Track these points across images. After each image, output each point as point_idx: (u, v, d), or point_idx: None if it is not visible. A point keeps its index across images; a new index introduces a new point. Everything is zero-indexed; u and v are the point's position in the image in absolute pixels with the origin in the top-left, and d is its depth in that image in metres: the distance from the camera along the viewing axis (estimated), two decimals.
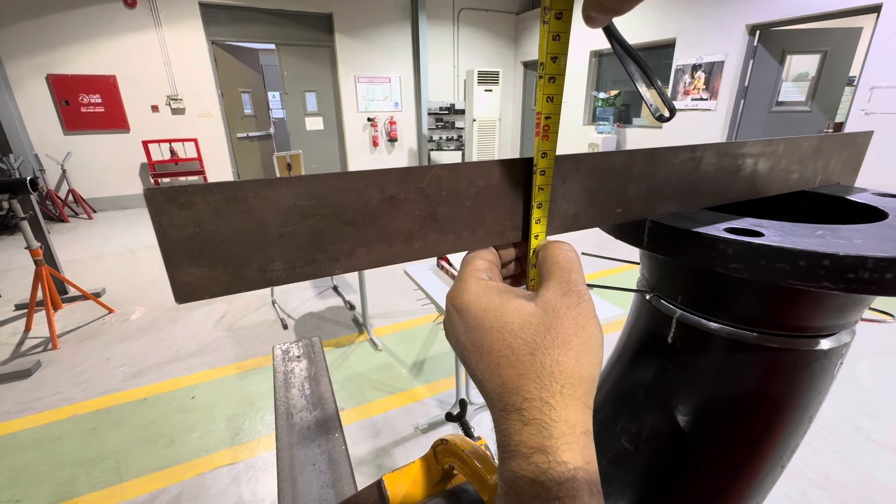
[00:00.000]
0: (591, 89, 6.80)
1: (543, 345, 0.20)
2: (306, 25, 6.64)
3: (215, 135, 6.40)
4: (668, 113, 0.31)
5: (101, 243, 4.62)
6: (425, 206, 0.22)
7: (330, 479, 0.57)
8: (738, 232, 0.27)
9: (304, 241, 0.19)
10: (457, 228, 0.23)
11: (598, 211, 0.28)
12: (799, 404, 0.34)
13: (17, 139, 5.29)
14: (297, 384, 0.76)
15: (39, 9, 5.14)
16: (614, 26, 0.31)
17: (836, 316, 0.31)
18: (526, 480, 0.18)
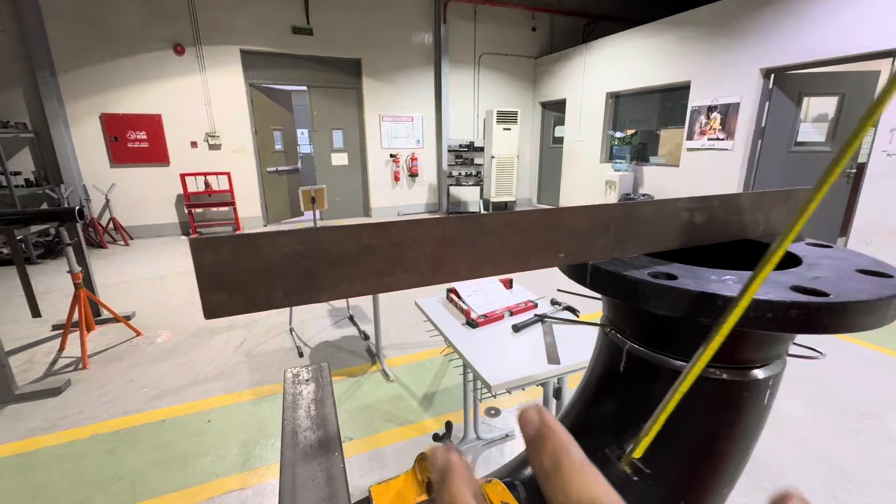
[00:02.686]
0: (608, 128, 6.93)
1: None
2: (336, 69, 7.11)
3: (247, 169, 6.78)
4: None
5: (135, 269, 4.87)
6: (393, 252, 0.28)
7: (327, 493, 0.61)
8: (658, 276, 0.33)
9: (300, 276, 0.26)
10: (420, 268, 0.29)
11: (544, 255, 0.34)
12: (739, 431, 0.38)
13: (68, 171, 5.75)
14: (304, 405, 0.81)
15: (99, 56, 5.71)
16: None
17: (764, 349, 0.36)
18: None
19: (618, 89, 6.66)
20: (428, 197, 8.24)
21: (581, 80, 7.28)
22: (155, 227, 6.44)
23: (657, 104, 6.28)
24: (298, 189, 8.07)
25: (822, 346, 0.62)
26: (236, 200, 6.65)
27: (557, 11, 8.03)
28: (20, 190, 5.28)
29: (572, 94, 7.54)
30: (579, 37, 8.20)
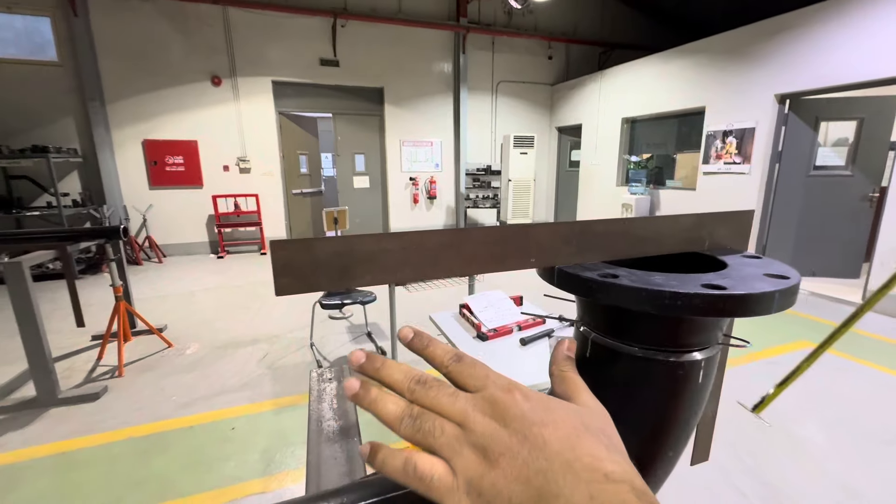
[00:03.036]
0: (624, 153, 7.02)
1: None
2: (360, 97, 7.48)
3: (274, 191, 7.11)
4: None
5: (167, 285, 5.14)
6: (403, 254, 0.40)
7: (347, 470, 0.71)
8: (605, 276, 0.43)
9: (337, 269, 0.37)
10: (422, 266, 0.41)
11: (519, 260, 0.44)
12: (679, 404, 0.47)
13: (111, 192, 6.16)
14: (328, 399, 0.92)
15: (143, 87, 6.19)
16: None
17: (696, 335, 0.45)
18: None
19: (633, 115, 6.77)
20: (446, 219, 8.41)
21: (597, 106, 7.44)
22: (187, 245, 6.78)
23: (673, 129, 6.35)
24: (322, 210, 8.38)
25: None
26: (263, 221, 6.95)
27: (573, 41, 8.29)
28: (67, 210, 5.69)
29: (588, 119, 7.68)
30: (595, 64, 8.41)
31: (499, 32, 7.78)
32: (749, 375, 2.82)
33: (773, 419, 2.25)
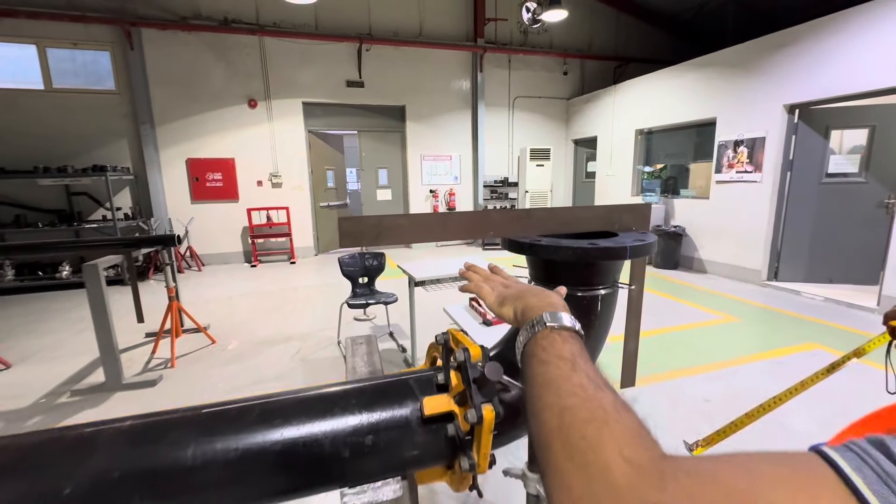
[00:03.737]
0: (638, 163, 7.17)
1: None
2: (383, 115, 7.94)
3: (303, 204, 7.59)
4: None
5: (206, 290, 5.59)
6: (414, 226, 0.69)
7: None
8: (534, 240, 0.70)
9: (374, 234, 0.66)
10: (424, 234, 0.69)
11: (482, 231, 0.72)
12: (601, 316, 0.73)
13: (158, 206, 6.75)
14: (360, 355, 1.20)
15: (188, 111, 6.80)
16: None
17: (599, 278, 0.72)
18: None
19: (646, 126, 6.95)
20: None
21: (611, 119, 7.64)
22: (223, 255, 7.30)
23: (686, 139, 6.49)
24: None
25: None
26: (292, 232, 7.42)
27: (588, 57, 8.56)
28: (120, 223, 6.27)
29: (603, 131, 7.89)
30: (610, 78, 8.63)
31: (515, 51, 8.13)
32: (757, 374, 2.95)
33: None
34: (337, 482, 0.67)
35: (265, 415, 0.63)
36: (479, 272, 0.66)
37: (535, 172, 8.10)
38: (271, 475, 0.61)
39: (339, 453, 0.63)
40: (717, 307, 4.46)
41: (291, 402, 0.66)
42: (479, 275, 0.66)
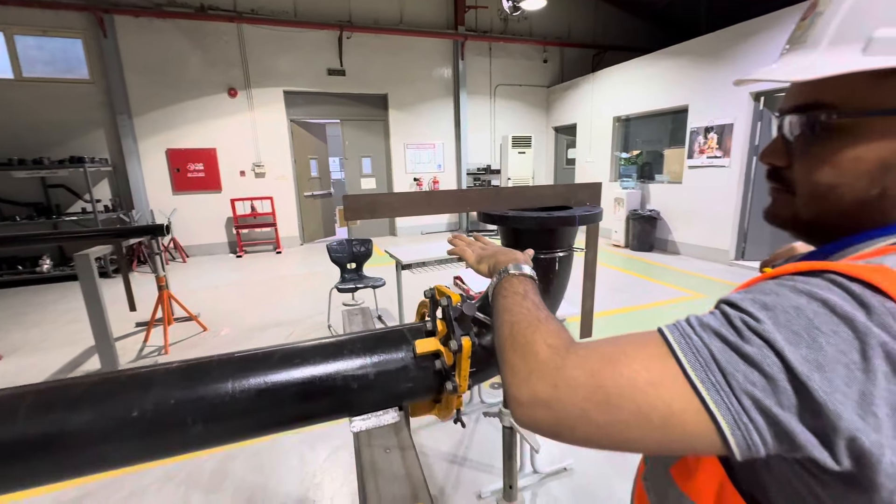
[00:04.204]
0: (616, 150, 7.40)
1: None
2: (366, 104, 7.95)
3: (287, 194, 7.60)
4: None
5: (193, 280, 5.62)
6: (401, 202, 0.84)
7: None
8: (504, 213, 0.86)
9: (370, 209, 0.81)
10: (416, 209, 0.84)
11: (461, 206, 0.88)
12: (559, 274, 0.90)
13: (138, 198, 6.68)
14: (357, 322, 1.35)
15: (167, 100, 6.70)
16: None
17: (560, 242, 0.87)
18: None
19: (623, 114, 7.16)
20: (449, 216, 8.83)
21: (590, 106, 7.83)
22: (207, 246, 7.28)
23: (661, 126, 6.73)
24: (332, 210, 8.81)
25: None
26: (277, 221, 7.44)
27: (567, 44, 8.69)
28: (100, 215, 6.20)
29: (582, 118, 8.08)
30: (588, 65, 8.79)
31: (495, 39, 8.20)
32: None
33: None
34: (347, 411, 0.82)
35: (286, 357, 0.77)
36: (464, 239, 0.81)
37: (516, 160, 8.26)
38: (294, 404, 0.76)
39: (349, 386, 0.77)
40: (686, 286, 4.73)
41: (308, 347, 0.80)
42: (464, 241, 0.81)
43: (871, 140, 0.36)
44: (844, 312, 0.29)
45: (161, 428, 0.67)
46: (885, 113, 0.35)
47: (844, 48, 0.35)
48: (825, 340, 0.29)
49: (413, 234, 8.55)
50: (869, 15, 0.34)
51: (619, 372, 0.35)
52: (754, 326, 0.31)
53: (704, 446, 0.32)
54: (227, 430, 0.72)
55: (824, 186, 0.40)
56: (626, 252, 6.58)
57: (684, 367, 0.33)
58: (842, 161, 0.38)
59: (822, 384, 0.28)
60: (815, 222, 0.42)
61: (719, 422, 0.31)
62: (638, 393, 0.34)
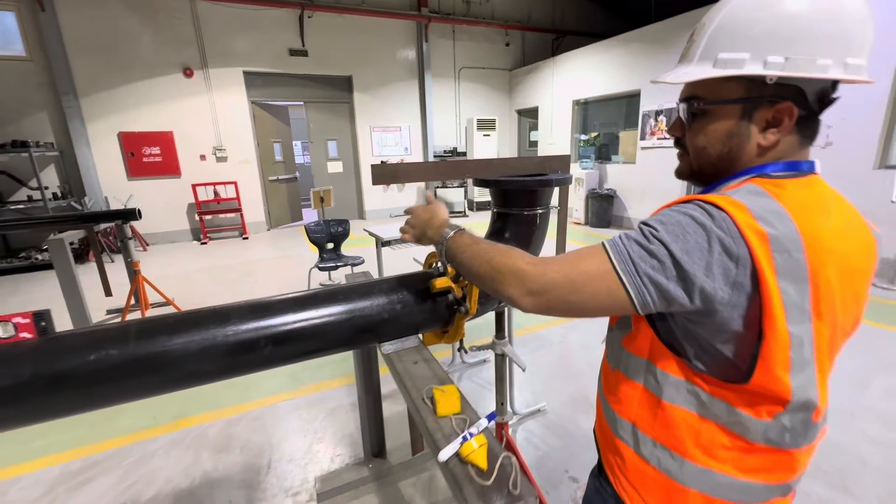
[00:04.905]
0: (575, 132, 7.78)
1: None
2: (330, 86, 7.85)
3: (251, 178, 7.44)
4: None
5: (160, 268, 5.49)
6: (417, 170, 1.04)
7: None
8: (496, 179, 1.08)
9: (391, 176, 1.00)
10: (422, 175, 1.04)
11: (461, 174, 1.09)
12: (540, 227, 1.13)
13: (90, 184, 6.35)
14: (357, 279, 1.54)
15: (116, 81, 6.34)
16: None
17: (540, 201, 1.11)
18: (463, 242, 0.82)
19: (582, 97, 7.52)
20: (417, 199, 8.97)
21: (551, 90, 8.13)
22: (169, 233, 7.05)
23: (617, 109, 7.14)
24: (298, 195, 8.72)
25: None
26: (242, 207, 7.30)
27: (528, 28, 8.91)
28: (49, 203, 5.86)
29: (544, 102, 8.38)
30: (549, 50, 9.08)
31: (458, 21, 8.28)
32: None
33: None
34: (378, 338, 1.03)
35: (337, 294, 0.96)
36: (404, 229, 0.94)
37: (482, 142, 8.48)
38: (344, 331, 0.95)
39: (381, 316, 0.98)
40: None
41: (349, 288, 0.99)
42: (404, 228, 0.95)
43: (721, 118, 0.59)
44: (700, 220, 0.52)
45: (240, 349, 0.86)
46: (727, 102, 0.58)
47: (705, 63, 0.58)
48: (690, 237, 0.51)
49: (382, 217, 8.63)
50: (717, 45, 0.57)
51: (580, 270, 0.57)
52: (655, 234, 0.54)
53: (626, 307, 0.55)
54: (291, 352, 0.91)
55: (700, 148, 0.63)
56: (586, 228, 7.03)
57: (613, 263, 0.55)
58: (707, 131, 0.61)
59: (688, 262, 0.51)
60: (700, 172, 0.66)
61: (630, 291, 0.54)
62: (592, 280, 0.56)
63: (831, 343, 0.56)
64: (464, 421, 0.78)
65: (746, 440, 0.57)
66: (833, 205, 0.56)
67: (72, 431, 2.24)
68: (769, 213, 0.51)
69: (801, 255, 0.50)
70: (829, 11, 0.51)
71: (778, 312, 0.50)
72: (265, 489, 1.81)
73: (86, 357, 0.74)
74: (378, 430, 1.82)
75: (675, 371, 0.60)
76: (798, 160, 0.58)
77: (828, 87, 0.56)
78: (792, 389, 0.53)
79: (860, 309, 0.59)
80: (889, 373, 2.52)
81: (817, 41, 0.51)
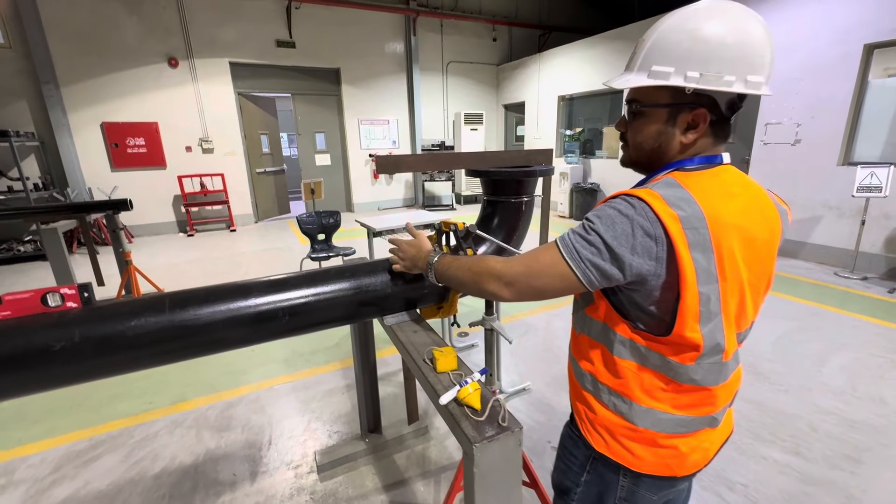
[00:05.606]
0: (560, 127, 7.95)
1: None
2: (318, 78, 7.84)
3: (238, 170, 7.41)
4: None
5: (147, 260, 5.47)
6: (417, 161, 1.15)
7: None
8: (488, 170, 1.20)
9: (394, 166, 1.12)
10: (423, 165, 1.16)
11: (456, 165, 1.21)
12: (525, 213, 1.26)
13: (73, 175, 6.25)
14: None
15: (99, 70, 6.24)
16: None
17: (527, 189, 1.23)
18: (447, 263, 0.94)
19: (567, 93, 7.68)
20: (405, 192, 9.05)
21: (537, 85, 8.27)
22: (154, 225, 6.99)
23: (601, 105, 7.32)
24: (286, 187, 8.70)
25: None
26: (229, 199, 7.27)
27: (515, 24, 9.01)
28: (31, 193, 5.77)
29: (530, 97, 8.52)
30: (535, 46, 9.20)
31: (446, 15, 8.33)
32: None
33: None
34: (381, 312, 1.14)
35: (345, 272, 1.08)
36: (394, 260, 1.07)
37: (469, 136, 8.58)
38: (350, 303, 1.07)
39: (384, 291, 1.10)
40: None
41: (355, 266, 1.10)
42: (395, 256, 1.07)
43: (652, 119, 0.72)
44: (625, 212, 0.65)
45: (263, 319, 0.97)
46: (657, 106, 0.71)
47: (642, 73, 0.71)
48: (617, 226, 0.64)
49: (370, 209, 8.69)
50: (651, 59, 0.69)
51: (539, 262, 0.72)
52: (592, 227, 0.67)
53: (576, 285, 0.68)
54: (306, 322, 1.02)
55: (637, 143, 0.76)
56: (570, 222, 7.22)
57: (562, 253, 0.69)
58: (642, 129, 0.74)
59: (617, 246, 0.64)
60: (638, 163, 0.79)
61: (577, 273, 0.67)
62: (548, 268, 0.70)
63: (741, 298, 0.70)
64: (460, 375, 0.91)
65: (677, 382, 0.71)
66: (739, 188, 0.70)
67: (72, 416, 2.30)
68: (680, 199, 0.64)
69: (705, 231, 0.63)
70: (735, 39, 0.64)
71: (690, 276, 0.63)
72: (267, 463, 1.91)
73: (127, 323, 0.84)
74: (374, 406, 1.94)
75: (623, 331, 0.74)
76: (712, 155, 0.72)
77: (735, 98, 0.69)
78: (703, 337, 0.67)
79: (767, 270, 0.74)
80: (843, 352, 2.74)
81: (725, 62, 0.64)
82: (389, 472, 1.85)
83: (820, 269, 4.39)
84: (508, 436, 0.74)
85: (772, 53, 0.67)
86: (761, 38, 0.65)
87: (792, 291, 3.79)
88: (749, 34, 0.64)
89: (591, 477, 0.83)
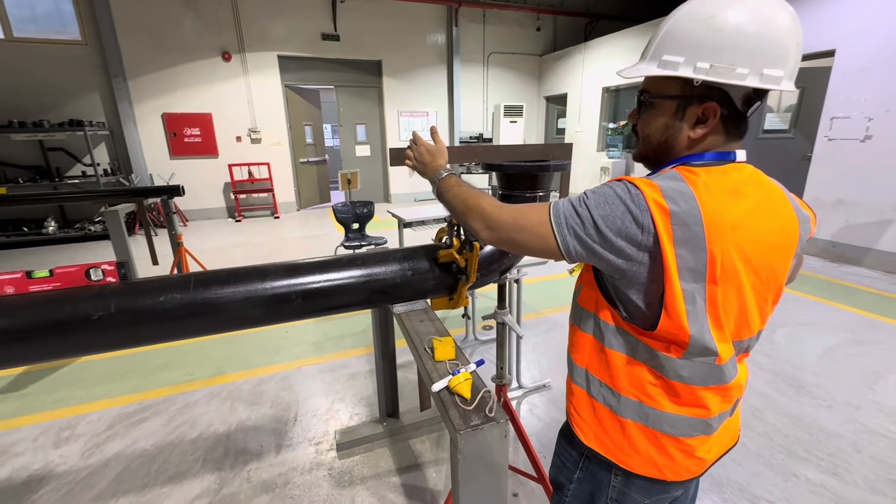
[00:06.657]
0: (604, 120, 7.66)
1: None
2: (360, 70, 8.00)
3: (283, 160, 7.74)
4: None
5: (198, 243, 5.87)
6: (463, 152, 1.17)
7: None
8: (501, 163, 1.20)
9: (454, 157, 1.14)
10: (457, 158, 1.18)
11: (470, 158, 1.22)
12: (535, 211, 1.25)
13: (137, 162, 6.79)
14: None
15: (161, 64, 6.70)
16: None
17: (542, 185, 1.23)
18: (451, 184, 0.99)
19: (613, 84, 7.37)
20: None
21: (581, 76, 8.00)
22: (206, 210, 7.47)
23: None
24: (327, 177, 8.99)
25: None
26: (274, 187, 7.62)
27: (560, 13, 8.73)
28: (101, 178, 6.33)
29: (573, 89, 8.26)
30: (581, 35, 8.88)
31: (489, 6, 8.21)
32: None
33: None
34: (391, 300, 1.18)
35: (356, 260, 1.12)
36: (409, 156, 1.06)
37: (508, 129, 8.47)
38: (361, 291, 1.11)
39: (394, 280, 1.13)
40: None
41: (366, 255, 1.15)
42: (409, 154, 1.05)
43: (661, 112, 0.70)
44: (620, 195, 0.64)
45: (277, 301, 1.03)
46: (665, 98, 0.69)
47: (653, 63, 0.68)
48: (608, 206, 0.64)
49: (407, 201, 8.81)
50: (663, 48, 0.66)
51: (526, 217, 0.72)
52: (585, 201, 0.66)
53: (554, 250, 0.68)
54: (317, 306, 1.07)
55: (645, 136, 0.74)
56: None
57: (549, 215, 0.68)
58: (651, 121, 0.72)
59: (603, 224, 0.63)
60: (645, 157, 0.77)
61: (556, 237, 0.67)
62: (532, 225, 0.70)
63: (740, 303, 0.67)
64: (456, 364, 0.93)
65: (665, 378, 0.69)
66: (751, 188, 0.66)
67: (126, 381, 2.54)
68: (677, 193, 0.61)
69: (699, 228, 0.60)
70: (754, 29, 0.60)
71: (672, 271, 0.61)
72: (292, 438, 2.03)
73: (157, 298, 0.93)
74: (392, 391, 2.00)
75: (612, 321, 0.73)
76: (724, 151, 0.69)
77: (750, 92, 0.65)
78: (690, 334, 0.64)
79: (778, 279, 0.69)
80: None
81: (739, 52, 0.61)
82: (403, 456, 1.91)
83: (885, 279, 4.00)
84: (494, 426, 0.75)
85: (798, 46, 0.63)
86: (785, 28, 0.61)
87: (848, 301, 3.49)
88: (771, 24, 0.60)
89: (583, 475, 0.83)
